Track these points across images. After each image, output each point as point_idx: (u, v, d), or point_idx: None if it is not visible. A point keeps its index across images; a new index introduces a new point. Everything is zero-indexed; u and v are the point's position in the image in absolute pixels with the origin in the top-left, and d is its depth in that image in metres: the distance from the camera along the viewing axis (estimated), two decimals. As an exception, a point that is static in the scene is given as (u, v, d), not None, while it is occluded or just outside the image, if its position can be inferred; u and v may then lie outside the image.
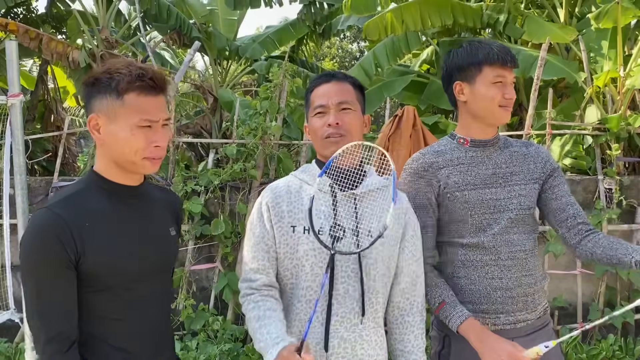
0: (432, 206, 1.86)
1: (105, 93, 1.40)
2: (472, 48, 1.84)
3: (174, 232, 1.62)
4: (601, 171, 4.58)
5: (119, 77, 1.38)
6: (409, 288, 1.71)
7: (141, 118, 1.39)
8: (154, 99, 1.41)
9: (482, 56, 1.79)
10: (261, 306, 1.60)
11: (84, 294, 1.40)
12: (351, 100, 1.68)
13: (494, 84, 1.79)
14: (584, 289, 4.47)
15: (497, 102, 1.79)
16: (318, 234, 1.59)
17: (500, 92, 1.79)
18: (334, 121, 1.64)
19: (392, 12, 6.06)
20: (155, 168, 1.46)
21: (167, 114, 1.46)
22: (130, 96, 1.38)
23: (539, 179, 1.90)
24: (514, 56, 1.82)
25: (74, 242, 1.36)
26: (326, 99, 1.67)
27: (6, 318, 3.50)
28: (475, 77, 1.81)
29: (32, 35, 5.89)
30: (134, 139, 1.39)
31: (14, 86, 2.26)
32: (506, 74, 1.79)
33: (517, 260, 1.83)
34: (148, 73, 1.40)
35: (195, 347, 3.98)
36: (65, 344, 1.37)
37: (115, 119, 1.40)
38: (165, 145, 1.46)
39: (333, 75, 1.73)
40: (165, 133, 1.45)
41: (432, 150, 1.91)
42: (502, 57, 1.78)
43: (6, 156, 3.20)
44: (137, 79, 1.38)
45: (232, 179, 4.39)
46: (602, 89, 4.93)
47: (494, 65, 1.78)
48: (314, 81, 1.75)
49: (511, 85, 1.82)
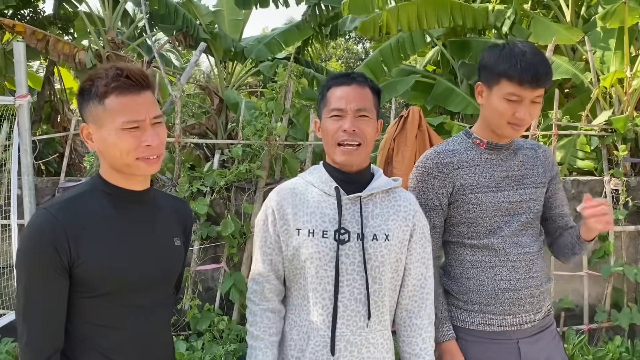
0: (443, 207, 1.84)
1: (89, 100, 1.37)
2: (501, 53, 1.73)
3: (178, 242, 1.56)
4: (608, 172, 4.56)
5: (97, 81, 1.35)
6: (417, 290, 1.69)
7: (124, 120, 1.34)
8: (135, 97, 1.36)
9: (503, 67, 1.70)
10: (259, 325, 1.65)
11: (77, 299, 1.37)
12: (369, 107, 1.64)
13: (507, 100, 1.71)
14: (591, 291, 4.44)
15: (506, 118, 1.73)
16: (322, 237, 1.58)
17: (511, 110, 1.71)
18: (351, 128, 1.60)
19: (388, 11, 6.07)
20: (153, 168, 1.41)
21: (157, 111, 1.40)
22: (110, 99, 1.34)
23: (546, 182, 1.90)
24: (540, 76, 1.67)
25: (69, 245, 1.32)
26: (345, 102, 1.62)
27: (12, 319, 3.52)
28: (492, 85, 1.75)
29: (39, 36, 5.93)
30: (122, 142, 1.35)
31: (21, 87, 2.27)
32: (524, 93, 1.68)
33: (525, 262, 1.82)
34: (123, 72, 1.35)
35: (201, 348, 3.98)
36: (45, 353, 1.33)
37: (102, 124, 1.36)
38: (159, 144, 1.40)
39: (354, 77, 1.67)
40: (156, 131, 1.39)
41: (448, 150, 1.87)
42: (522, 75, 1.66)
43: (14, 156, 3.22)
44: (113, 80, 1.34)
45: (237, 179, 4.40)
46: (608, 90, 4.91)
47: (512, 81, 1.68)
48: (333, 79, 1.69)
49: (529, 105, 1.71)
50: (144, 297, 1.45)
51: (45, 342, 1.34)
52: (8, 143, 4.69)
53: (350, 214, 1.62)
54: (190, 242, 1.74)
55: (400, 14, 6.00)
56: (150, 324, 1.47)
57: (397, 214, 1.66)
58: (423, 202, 1.82)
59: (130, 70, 1.37)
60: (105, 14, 7.01)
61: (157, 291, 1.49)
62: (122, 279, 1.39)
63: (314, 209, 1.63)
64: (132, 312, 1.43)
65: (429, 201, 1.83)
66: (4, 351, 4.02)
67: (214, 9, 8.14)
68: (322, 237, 1.59)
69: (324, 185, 1.66)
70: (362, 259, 1.59)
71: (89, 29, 6.88)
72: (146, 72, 1.43)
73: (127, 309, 1.42)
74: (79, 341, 1.39)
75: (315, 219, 1.62)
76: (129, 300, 1.42)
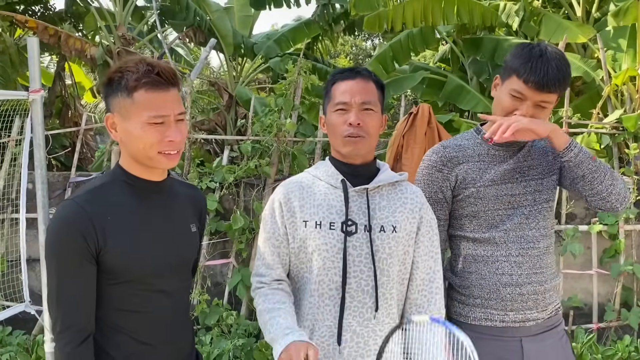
0: (447, 200, 1.85)
1: (117, 92, 1.42)
2: (519, 51, 1.74)
3: (194, 228, 1.62)
4: (619, 170, 4.52)
5: (128, 75, 1.39)
6: (426, 284, 1.69)
7: (150, 115, 1.39)
8: (164, 94, 1.41)
9: (517, 64, 1.71)
10: (271, 299, 1.61)
11: (104, 286, 1.43)
12: (374, 100, 1.65)
13: (512, 95, 1.72)
14: (600, 289, 4.42)
15: (506, 112, 1.74)
16: (330, 228, 1.59)
17: (512, 106, 1.72)
18: (356, 121, 1.61)
19: (393, 7, 6.06)
20: (172, 163, 1.47)
21: (181, 108, 1.46)
22: (139, 93, 1.39)
23: (557, 168, 1.87)
24: (548, 81, 1.66)
25: (96, 234, 1.38)
26: (349, 96, 1.63)
27: (20, 310, 3.56)
28: (505, 79, 1.77)
29: (50, 32, 5.99)
30: (147, 136, 1.40)
31: (35, 82, 2.30)
32: (527, 93, 1.69)
33: (529, 257, 1.80)
34: (155, 68, 1.40)
35: (209, 342, 4.01)
36: (79, 336, 1.39)
37: (128, 116, 1.41)
38: (181, 140, 1.45)
39: (358, 71, 1.69)
40: (179, 128, 1.45)
41: (455, 144, 1.88)
42: (529, 75, 1.67)
43: (25, 151, 3.25)
44: (144, 75, 1.39)
45: (246, 175, 4.42)
46: (620, 88, 4.87)
47: (519, 78, 1.69)
48: (337, 74, 1.71)
49: (533, 107, 1.70)
50: (166, 282, 1.51)
51: (78, 327, 1.40)
52: (20, 138, 4.75)
53: (357, 205, 1.63)
54: (205, 228, 1.80)
55: (406, 11, 5.99)
56: (172, 307, 1.54)
57: (404, 206, 1.67)
58: (428, 195, 1.82)
59: (162, 67, 1.42)
60: (116, 10, 7.05)
61: (177, 276, 1.56)
62: (145, 266, 1.46)
63: (320, 201, 1.64)
64: (155, 296, 1.49)
65: (433, 194, 1.84)
66: (16, 343, 4.07)
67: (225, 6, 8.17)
68: (329, 228, 1.61)
69: (330, 178, 1.67)
70: (369, 251, 1.60)
71: (99, 24, 6.92)
72: (175, 70, 1.47)
73: (151, 293, 1.48)
74: (107, 326, 1.45)
75: (322, 211, 1.63)
76: (152, 285, 1.48)
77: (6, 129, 4.76)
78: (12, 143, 4.71)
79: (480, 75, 7.05)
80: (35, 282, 4.13)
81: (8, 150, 4.70)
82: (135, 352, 1.47)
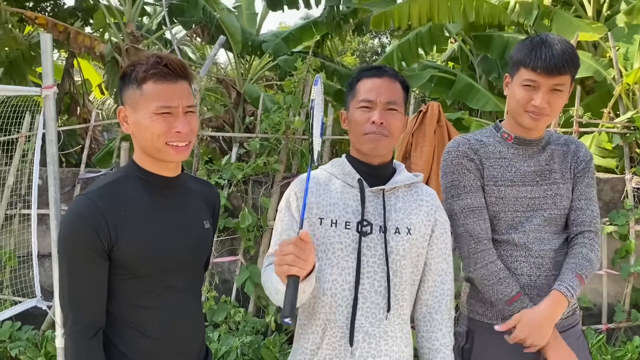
0: (482, 187, 1.82)
1: (129, 85, 1.44)
2: (521, 44, 1.77)
3: (208, 224, 1.62)
4: (629, 170, 4.50)
5: (138, 67, 1.42)
6: (438, 286, 1.69)
7: (158, 105, 1.41)
8: (172, 85, 1.43)
9: (521, 55, 1.73)
10: None
11: (116, 281, 1.44)
12: (399, 101, 1.64)
13: (524, 86, 1.72)
14: (610, 290, 4.39)
15: (522, 106, 1.74)
16: (345, 228, 1.58)
17: (527, 97, 1.72)
18: (379, 120, 1.60)
19: (399, 5, 6.05)
20: (181, 155, 1.46)
21: (191, 100, 1.47)
22: (148, 85, 1.41)
23: (572, 178, 1.87)
24: (556, 62, 1.68)
25: (108, 230, 1.39)
26: (375, 94, 1.62)
27: (32, 305, 3.58)
28: (514, 74, 1.78)
29: (60, 28, 6.02)
30: (154, 126, 1.42)
31: (48, 78, 2.30)
32: (539, 79, 1.70)
33: (548, 258, 1.80)
34: (163, 60, 1.42)
35: (217, 339, 4.02)
36: (89, 331, 1.40)
37: (138, 108, 1.43)
38: (189, 132, 1.45)
39: (385, 70, 1.68)
40: (187, 120, 1.45)
41: (476, 139, 1.86)
42: (536, 61, 1.68)
43: (37, 147, 3.27)
44: (153, 67, 1.41)
45: (255, 173, 4.42)
46: (631, 87, 4.84)
47: (527, 67, 1.71)
48: (364, 72, 1.70)
49: (548, 93, 1.71)
50: (178, 278, 1.52)
51: (89, 322, 1.41)
52: (30, 134, 4.78)
53: (373, 206, 1.62)
54: (217, 224, 1.80)
55: (412, 9, 5.98)
56: (184, 303, 1.54)
57: (419, 208, 1.66)
58: (466, 184, 1.79)
59: (170, 60, 1.44)
60: (125, 8, 7.07)
61: (189, 272, 1.56)
62: (157, 262, 1.46)
63: (337, 199, 1.63)
64: (166, 292, 1.50)
65: (472, 182, 1.80)
66: (25, 338, 4.10)
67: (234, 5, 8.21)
68: (344, 228, 1.60)
69: (347, 177, 1.66)
70: (383, 252, 1.59)
71: (108, 21, 6.94)
72: (184, 62, 1.48)
73: (162, 289, 1.49)
74: (118, 320, 1.46)
75: (338, 210, 1.62)
76: (164, 281, 1.49)
77: (16, 125, 4.79)
78: (22, 139, 4.74)
79: (489, 73, 7.02)
80: (45, 277, 4.16)
81: (19, 147, 4.72)
82: (145, 348, 1.48)
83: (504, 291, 1.75)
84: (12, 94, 4.41)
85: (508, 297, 1.74)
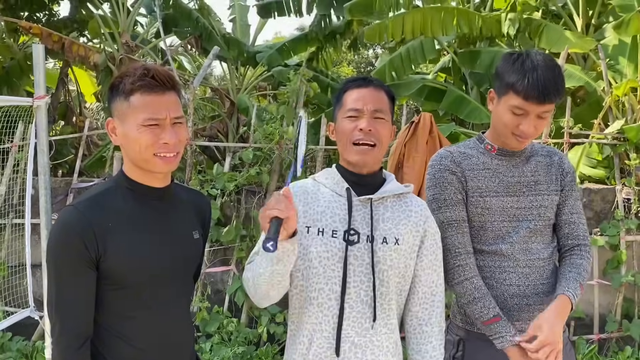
0: (464, 201, 1.83)
1: (117, 97, 1.44)
2: (514, 64, 1.72)
3: (197, 235, 1.61)
4: (620, 181, 4.53)
5: (126, 79, 1.42)
6: (428, 297, 1.68)
7: (145, 117, 1.40)
8: (160, 97, 1.42)
9: (512, 80, 1.69)
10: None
11: (104, 291, 1.43)
12: (385, 109, 1.65)
13: (513, 112, 1.72)
14: (601, 300, 4.41)
15: (509, 129, 1.74)
16: (332, 236, 1.59)
17: (516, 122, 1.72)
18: (367, 127, 1.60)
19: (393, 19, 6.10)
20: (169, 166, 1.46)
21: (178, 112, 1.46)
22: (135, 97, 1.41)
23: (559, 190, 1.88)
24: (548, 93, 1.66)
25: (96, 241, 1.39)
26: (362, 103, 1.63)
27: (25, 315, 3.56)
28: (501, 95, 1.75)
29: (55, 38, 6.04)
30: (141, 137, 1.41)
31: (40, 88, 2.31)
32: (529, 108, 1.68)
33: (535, 268, 1.81)
34: (150, 72, 1.42)
35: (210, 350, 4.00)
36: (77, 341, 1.40)
37: (126, 120, 1.43)
38: (176, 143, 1.45)
39: (370, 80, 1.70)
40: (175, 131, 1.45)
41: (459, 151, 1.87)
42: (529, 91, 1.66)
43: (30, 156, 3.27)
44: (140, 79, 1.41)
45: (248, 183, 4.42)
46: (621, 98, 4.89)
47: (519, 95, 1.68)
48: (350, 82, 1.71)
49: (535, 119, 1.71)
50: (166, 289, 1.51)
51: (77, 332, 1.41)
52: (23, 143, 4.77)
53: (360, 215, 1.63)
54: (209, 233, 1.80)
55: (405, 22, 6.03)
56: (172, 314, 1.54)
57: (408, 218, 1.66)
58: (446, 197, 1.81)
59: (157, 71, 1.43)
60: (119, 17, 7.10)
61: (178, 282, 1.56)
62: (144, 273, 1.46)
63: (324, 208, 1.64)
64: (154, 303, 1.49)
65: (452, 195, 1.81)
66: (15, 349, 4.07)
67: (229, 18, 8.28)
68: (331, 236, 1.60)
69: (335, 186, 1.67)
70: (370, 261, 1.59)
71: (103, 31, 6.97)
72: (171, 73, 1.49)
73: (151, 300, 1.48)
74: (106, 331, 1.46)
75: (325, 218, 1.62)
76: (152, 292, 1.48)
77: (8, 135, 4.78)
78: (14, 148, 4.73)
79: (481, 85, 7.07)
80: (36, 287, 4.13)
81: (11, 156, 4.71)
82: (133, 357, 1.47)
83: (479, 312, 1.75)
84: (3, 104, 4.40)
85: (484, 319, 1.74)
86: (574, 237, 1.86)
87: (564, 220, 1.88)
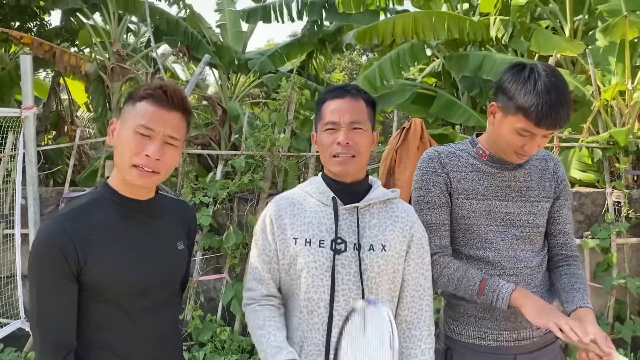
0: (448, 204, 1.82)
1: (129, 101, 1.47)
2: (524, 84, 1.63)
3: (182, 245, 1.61)
4: (610, 184, 4.56)
5: (142, 88, 1.45)
6: (416, 301, 1.69)
7: (140, 124, 1.41)
8: (162, 112, 1.42)
9: (523, 103, 1.61)
10: (260, 315, 1.63)
11: (87, 303, 1.43)
12: (363, 119, 1.65)
13: (519, 134, 1.67)
14: (593, 303, 4.32)
15: (514, 148, 1.71)
16: (319, 246, 1.59)
17: (521, 142, 1.68)
18: (345, 141, 1.61)
19: (384, 21, 6.13)
20: (145, 181, 1.43)
21: (177, 133, 1.45)
22: (141, 103, 1.43)
23: (551, 197, 1.85)
24: (560, 120, 1.61)
25: (76, 254, 1.38)
26: (338, 116, 1.63)
27: (17, 327, 3.54)
28: (508, 113, 1.67)
29: (45, 48, 6.04)
30: (129, 142, 1.41)
31: (27, 99, 2.31)
32: (538, 132, 1.64)
33: (523, 276, 1.78)
34: (164, 87, 1.44)
35: (203, 358, 3.98)
36: (60, 353, 1.39)
37: (125, 123, 1.44)
38: (160, 162, 1.43)
39: (347, 90, 1.68)
40: (164, 149, 1.43)
41: (448, 152, 1.85)
42: (541, 119, 1.59)
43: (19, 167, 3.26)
44: (152, 89, 1.43)
45: (240, 190, 4.42)
46: (610, 102, 4.93)
47: (530, 120, 1.61)
48: (327, 93, 1.71)
49: (541, 139, 1.66)
50: (151, 300, 1.51)
51: (59, 344, 1.41)
52: (13, 153, 4.74)
53: (347, 224, 1.63)
54: (194, 243, 1.79)
55: (396, 25, 6.06)
56: (157, 324, 1.53)
57: (394, 224, 1.67)
58: (430, 199, 1.81)
59: (171, 89, 1.45)
60: (110, 27, 7.10)
61: (162, 293, 1.55)
62: (127, 285, 1.46)
63: (311, 218, 1.65)
64: (139, 314, 1.49)
65: (435, 198, 1.81)
66: (7, 361, 4.04)
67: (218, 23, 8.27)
68: (318, 246, 1.61)
69: (321, 196, 1.67)
70: (358, 269, 1.60)
71: (94, 40, 6.96)
72: (186, 97, 1.49)
73: (134, 311, 1.48)
74: (90, 341, 1.45)
75: (312, 229, 1.63)
76: (135, 303, 1.48)
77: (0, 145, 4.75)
78: (5, 159, 4.71)
79: (471, 90, 7.11)
80: (27, 298, 4.10)
81: (1, 166, 4.69)
82: None
83: (468, 288, 1.73)
84: (-10, 114, 4.39)
85: (475, 290, 1.71)
86: (568, 248, 1.86)
87: (559, 230, 1.87)
